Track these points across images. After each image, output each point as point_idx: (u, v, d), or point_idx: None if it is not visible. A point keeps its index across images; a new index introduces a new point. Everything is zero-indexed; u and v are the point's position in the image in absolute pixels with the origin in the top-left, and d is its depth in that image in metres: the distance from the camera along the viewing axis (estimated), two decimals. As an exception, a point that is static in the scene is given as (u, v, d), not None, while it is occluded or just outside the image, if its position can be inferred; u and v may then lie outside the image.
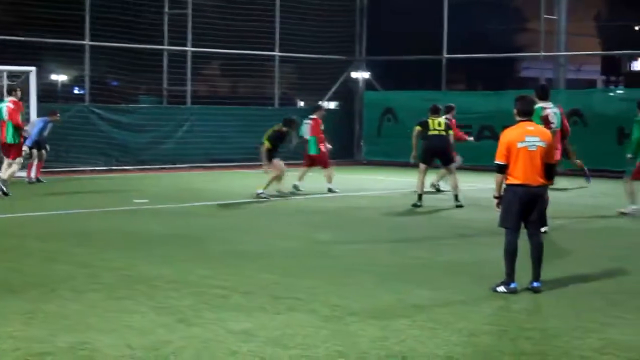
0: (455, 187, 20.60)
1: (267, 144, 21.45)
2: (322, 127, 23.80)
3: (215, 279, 11.94)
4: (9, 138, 22.05)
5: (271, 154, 21.51)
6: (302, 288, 11.48)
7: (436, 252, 14.51)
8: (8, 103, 22.23)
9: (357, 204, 21.44)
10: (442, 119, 20.96)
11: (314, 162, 23.85)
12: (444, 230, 17.23)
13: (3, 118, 21.99)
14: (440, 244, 15.41)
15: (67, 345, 8.48)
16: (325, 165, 23.77)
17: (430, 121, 20.67)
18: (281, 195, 21.91)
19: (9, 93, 23.04)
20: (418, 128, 20.90)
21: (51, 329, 9.10)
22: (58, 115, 25.07)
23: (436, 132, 20.61)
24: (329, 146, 24.12)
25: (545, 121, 15.21)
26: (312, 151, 23.71)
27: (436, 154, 20.89)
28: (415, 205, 20.26)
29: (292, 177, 23.05)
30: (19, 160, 22.31)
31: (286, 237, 15.81)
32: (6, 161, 22.13)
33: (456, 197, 20.49)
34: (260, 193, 21.39)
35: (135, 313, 9.88)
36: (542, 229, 12.67)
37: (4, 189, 21.14)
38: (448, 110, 23.19)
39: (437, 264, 13.49)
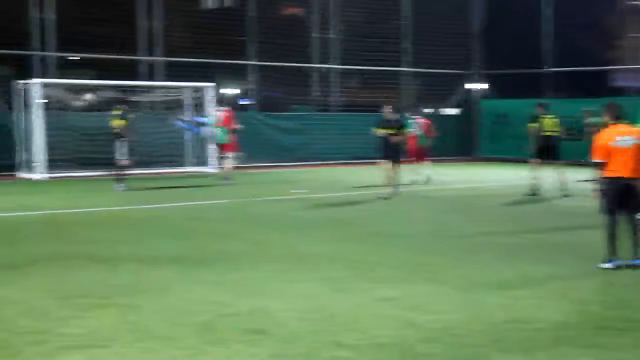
0: (563, 181, 20.17)
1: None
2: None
3: (364, 255, 12.00)
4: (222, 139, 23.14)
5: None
6: (436, 263, 11.44)
7: (547, 234, 14.26)
8: (224, 112, 23.49)
9: (476, 193, 21.22)
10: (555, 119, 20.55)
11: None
12: (554, 215, 16.90)
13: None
14: (551, 227, 15.11)
15: (248, 308, 8.64)
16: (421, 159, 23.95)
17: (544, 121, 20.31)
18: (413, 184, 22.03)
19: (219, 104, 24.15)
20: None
21: (234, 294, 9.29)
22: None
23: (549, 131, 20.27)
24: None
25: None
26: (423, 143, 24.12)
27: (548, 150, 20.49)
28: (531, 195, 19.93)
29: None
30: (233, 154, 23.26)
31: (419, 220, 15.76)
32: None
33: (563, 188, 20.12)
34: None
35: (301, 283, 10.00)
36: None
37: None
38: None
39: (548, 243, 13.25)
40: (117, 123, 20.28)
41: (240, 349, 7.27)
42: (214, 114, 23.79)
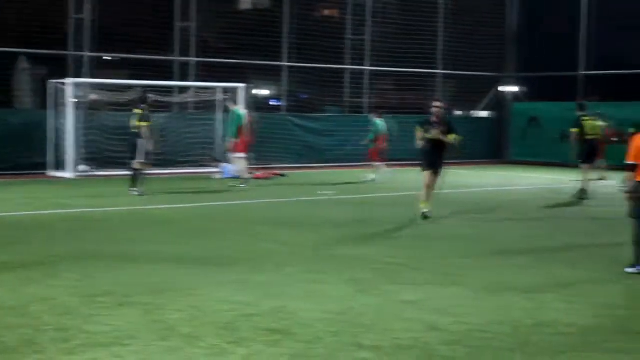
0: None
1: None
2: None
3: (390, 257, 11.94)
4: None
5: None
6: (463, 266, 11.36)
7: (576, 237, 14.15)
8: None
9: (508, 197, 21.06)
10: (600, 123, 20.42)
11: None
12: (584, 219, 16.77)
13: (242, 123, 22.53)
14: (580, 231, 15.00)
15: (270, 309, 8.61)
16: None
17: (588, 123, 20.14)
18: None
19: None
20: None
21: (257, 295, 9.26)
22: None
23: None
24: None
25: None
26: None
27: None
28: (580, 198, 19.72)
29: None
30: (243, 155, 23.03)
31: (448, 223, 15.63)
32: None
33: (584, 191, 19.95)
34: None
35: (325, 284, 9.96)
36: None
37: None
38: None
39: (577, 247, 13.13)
40: (137, 124, 19.60)
41: (261, 349, 7.25)
42: (241, 111, 23.33)
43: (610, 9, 32.48)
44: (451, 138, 15.73)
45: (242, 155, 22.49)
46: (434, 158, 15.78)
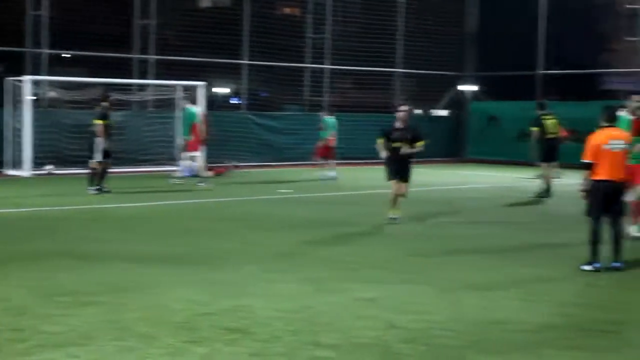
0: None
1: None
2: None
3: (348, 255, 11.98)
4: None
5: None
6: (420, 264, 11.44)
7: (534, 236, 14.27)
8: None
9: (465, 194, 21.21)
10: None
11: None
12: (540, 218, 16.93)
13: (195, 121, 22.48)
14: (537, 229, 15.13)
15: (229, 307, 8.61)
16: None
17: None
18: None
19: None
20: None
21: (216, 294, 9.25)
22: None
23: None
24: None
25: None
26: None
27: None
28: (541, 197, 19.86)
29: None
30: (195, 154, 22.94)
31: (405, 222, 15.65)
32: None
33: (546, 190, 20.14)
34: None
35: (284, 283, 9.97)
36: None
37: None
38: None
39: (535, 245, 13.25)
40: (94, 122, 19.42)
41: (219, 347, 7.25)
42: (195, 109, 23.27)
43: (567, 9, 32.86)
44: (418, 146, 15.21)
45: (196, 153, 22.47)
46: (400, 166, 15.26)
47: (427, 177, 23.58)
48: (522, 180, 24.68)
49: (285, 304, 8.84)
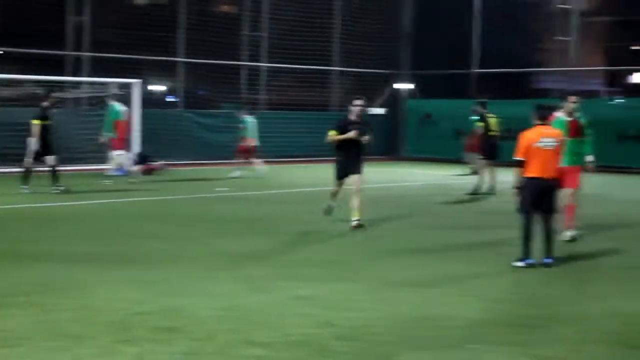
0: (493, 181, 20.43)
1: None
2: None
3: (283, 254, 12.00)
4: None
5: None
6: (354, 262, 11.50)
7: (468, 233, 14.43)
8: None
9: (400, 192, 21.35)
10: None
11: None
12: (473, 215, 17.14)
13: (119, 119, 22.35)
14: (472, 226, 15.33)
15: (163, 306, 8.56)
16: None
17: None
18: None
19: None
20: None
21: (149, 293, 9.20)
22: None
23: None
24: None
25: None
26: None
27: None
28: (473, 194, 20.06)
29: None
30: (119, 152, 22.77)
31: (339, 220, 15.66)
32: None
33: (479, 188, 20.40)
34: None
35: (218, 281, 9.95)
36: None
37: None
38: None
39: (469, 242, 13.39)
40: (33, 122, 19.25)
41: (153, 347, 7.20)
42: (119, 107, 23.22)
43: (500, 8, 33.31)
44: (365, 139, 14.80)
45: (121, 152, 22.39)
46: (350, 163, 14.94)
47: (364, 175, 23.62)
48: (456, 177, 24.98)
49: (220, 302, 8.82)
